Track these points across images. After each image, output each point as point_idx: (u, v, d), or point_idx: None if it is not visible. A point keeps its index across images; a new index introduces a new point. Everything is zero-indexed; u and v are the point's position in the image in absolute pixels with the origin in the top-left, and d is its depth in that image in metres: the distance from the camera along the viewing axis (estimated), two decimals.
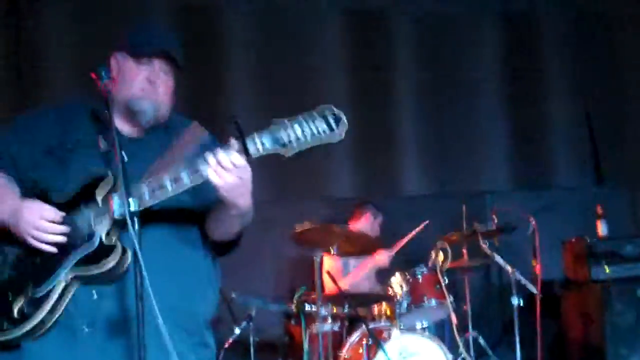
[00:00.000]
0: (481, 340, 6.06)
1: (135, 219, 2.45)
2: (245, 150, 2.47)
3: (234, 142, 2.49)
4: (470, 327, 6.07)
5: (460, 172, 7.17)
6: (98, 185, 2.63)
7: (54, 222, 2.61)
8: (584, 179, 7.49)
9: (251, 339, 5.53)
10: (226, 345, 5.43)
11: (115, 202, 2.58)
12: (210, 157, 2.49)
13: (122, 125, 2.81)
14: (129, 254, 2.57)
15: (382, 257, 6.01)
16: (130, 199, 2.47)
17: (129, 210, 2.44)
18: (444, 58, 7.21)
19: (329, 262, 6.03)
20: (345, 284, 5.85)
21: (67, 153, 2.75)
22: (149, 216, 2.60)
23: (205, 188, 2.57)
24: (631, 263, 6.34)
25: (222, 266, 2.99)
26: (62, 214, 2.63)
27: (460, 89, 7.20)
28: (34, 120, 2.86)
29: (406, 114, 7.04)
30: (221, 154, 2.49)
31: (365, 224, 6.32)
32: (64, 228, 2.61)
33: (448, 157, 7.16)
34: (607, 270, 6.21)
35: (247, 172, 2.53)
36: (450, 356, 5.17)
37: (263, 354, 5.74)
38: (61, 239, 2.61)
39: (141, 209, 2.53)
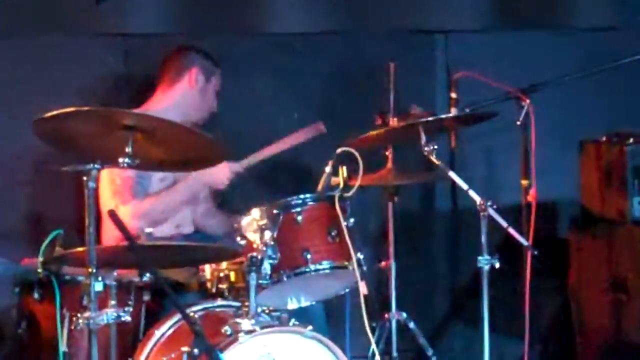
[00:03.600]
0: (413, 327, 4.43)
1: None
2: None
3: None
4: (393, 303, 4.39)
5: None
6: None
7: None
8: (619, 15, 5.19)
9: None
10: None
11: None
12: None
13: None
14: None
15: (219, 172, 4.15)
16: None
17: None
18: None
19: (108, 177, 4.21)
20: (136, 213, 4.22)
21: None
22: None
23: None
24: None
25: None
26: None
27: None
28: None
29: None
30: None
31: (188, 88, 4.48)
32: None
33: None
34: None
35: None
36: None
37: None
38: None
39: None
